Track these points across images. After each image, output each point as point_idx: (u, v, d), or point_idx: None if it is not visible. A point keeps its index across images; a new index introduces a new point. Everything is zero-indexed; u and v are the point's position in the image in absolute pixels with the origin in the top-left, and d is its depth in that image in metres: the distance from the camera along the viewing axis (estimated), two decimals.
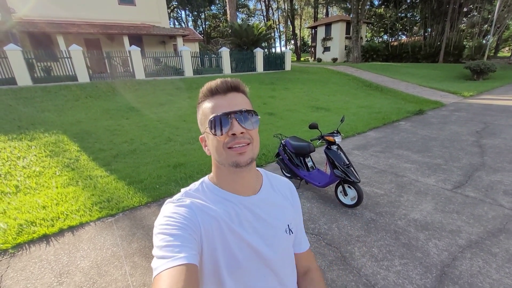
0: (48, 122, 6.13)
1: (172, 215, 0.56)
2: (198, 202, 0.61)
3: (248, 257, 0.62)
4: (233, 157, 0.58)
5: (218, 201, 0.63)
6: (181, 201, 0.61)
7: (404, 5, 29.22)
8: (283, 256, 0.69)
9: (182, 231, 0.53)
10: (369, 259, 2.14)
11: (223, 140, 0.58)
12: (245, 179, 0.65)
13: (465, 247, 2.22)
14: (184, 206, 0.59)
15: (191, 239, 0.53)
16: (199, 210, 0.59)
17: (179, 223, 0.54)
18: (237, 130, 0.56)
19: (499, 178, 3.44)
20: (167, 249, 0.50)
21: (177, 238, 0.51)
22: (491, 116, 7.03)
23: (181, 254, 0.49)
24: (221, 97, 0.59)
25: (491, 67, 14.73)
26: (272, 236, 0.65)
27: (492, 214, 2.67)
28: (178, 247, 0.50)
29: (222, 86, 0.59)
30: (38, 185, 3.63)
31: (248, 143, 0.58)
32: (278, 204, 0.70)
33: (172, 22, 40.28)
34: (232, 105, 0.58)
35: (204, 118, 0.61)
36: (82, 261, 2.27)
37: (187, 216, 0.56)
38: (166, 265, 0.47)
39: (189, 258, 0.49)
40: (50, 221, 2.82)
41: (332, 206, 2.98)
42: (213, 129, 0.57)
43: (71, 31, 12.27)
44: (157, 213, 3.01)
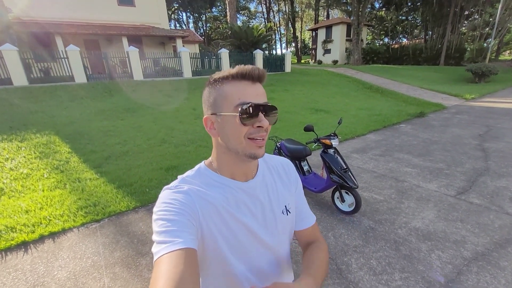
0: (40, 122, 6.01)
1: (170, 201, 0.56)
2: (195, 188, 0.61)
3: (248, 239, 0.64)
4: (252, 149, 0.58)
5: (215, 186, 0.63)
6: (179, 187, 0.60)
7: (405, 8, 29.17)
8: (280, 237, 0.70)
9: (180, 216, 0.54)
10: (367, 272, 1.99)
11: (247, 130, 0.57)
12: (248, 166, 0.66)
13: (470, 260, 2.06)
14: (181, 192, 0.59)
15: (189, 224, 0.54)
16: (196, 196, 0.59)
17: (177, 209, 0.55)
18: (265, 124, 0.57)
19: (504, 184, 3.28)
20: (166, 234, 0.51)
21: (176, 224, 0.52)
22: (494, 119, 6.88)
23: (179, 239, 0.50)
24: (249, 84, 0.58)
25: (493, 69, 14.60)
26: (269, 218, 0.67)
27: (499, 223, 2.51)
28: (176, 232, 0.51)
29: (254, 73, 0.57)
30: (24, 188, 3.49)
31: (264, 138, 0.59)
32: (274, 186, 0.71)
33: (173, 24, 40.35)
34: (260, 96, 0.58)
35: (224, 100, 0.57)
36: (60, 271, 2.12)
37: (185, 202, 0.57)
38: (165, 249, 0.48)
39: (187, 242, 0.50)
40: (31, 227, 2.67)
41: (329, 213, 2.83)
42: (243, 116, 0.55)
43: (69, 32, 12.19)
44: (144, 219, 2.87)
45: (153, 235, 0.53)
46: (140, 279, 2.02)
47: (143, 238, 2.51)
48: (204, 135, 5.73)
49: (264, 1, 42.92)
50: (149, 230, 2.64)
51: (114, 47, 13.43)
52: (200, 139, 5.46)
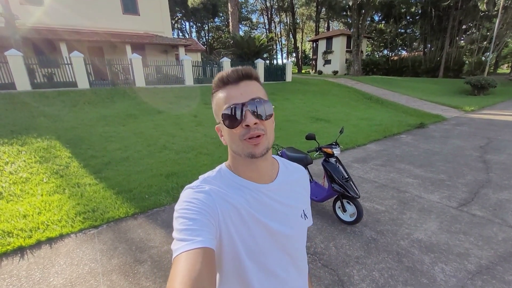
0: (42, 127, 6.01)
1: (192, 200, 0.57)
2: (216, 189, 0.61)
3: (267, 241, 0.64)
4: (248, 149, 0.59)
5: (236, 187, 0.63)
6: (200, 187, 0.61)
7: (404, 21, 29.75)
8: (298, 239, 0.71)
9: (200, 216, 0.54)
10: (370, 284, 1.95)
11: (238, 132, 0.58)
12: (261, 167, 0.65)
13: (475, 273, 2.02)
14: (203, 192, 0.60)
15: (209, 224, 0.54)
16: (217, 196, 0.60)
17: (198, 208, 0.55)
18: (250, 121, 0.56)
19: (507, 197, 3.26)
20: (186, 233, 0.51)
21: (196, 223, 0.53)
22: (494, 131, 6.90)
23: (199, 237, 0.50)
24: (234, 86, 0.59)
25: (492, 82, 14.76)
26: (289, 220, 0.68)
27: (502, 236, 2.48)
28: (196, 231, 0.51)
29: (233, 75, 0.59)
30: (23, 192, 3.47)
31: (262, 134, 0.58)
32: (294, 190, 0.72)
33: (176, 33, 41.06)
34: (245, 94, 0.58)
35: (218, 109, 0.61)
36: (56, 278, 2.08)
37: (205, 202, 0.57)
38: (184, 247, 0.49)
39: (206, 242, 0.50)
40: (28, 232, 2.64)
41: (330, 223, 2.79)
42: (226, 121, 0.58)
43: (74, 39, 12.38)
44: (143, 225, 2.84)
45: (173, 232, 0.54)
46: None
47: (141, 245, 2.47)
48: (204, 142, 5.74)
49: (266, 13, 43.82)
50: (148, 237, 2.60)
51: (118, 54, 13.62)
52: (200, 146, 5.46)
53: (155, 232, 2.69)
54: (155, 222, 2.88)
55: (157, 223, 2.86)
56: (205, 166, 4.44)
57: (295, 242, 0.70)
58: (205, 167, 4.38)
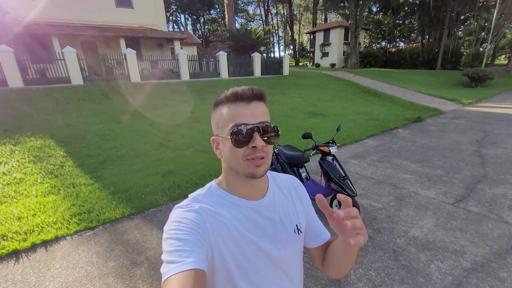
0: (36, 125, 5.92)
1: (181, 220, 0.56)
2: (206, 207, 0.60)
3: (258, 259, 0.63)
4: (250, 169, 0.58)
5: (226, 205, 0.62)
6: (190, 206, 0.60)
7: (402, 12, 29.43)
8: (292, 256, 0.70)
9: (190, 236, 0.53)
10: (366, 284, 1.96)
11: (243, 151, 0.57)
12: (255, 185, 0.65)
13: (470, 271, 2.04)
14: (192, 211, 0.58)
15: (199, 244, 0.53)
16: (207, 215, 0.59)
17: (188, 228, 0.54)
18: (258, 144, 0.56)
19: (502, 192, 3.28)
20: (175, 254, 0.50)
21: (186, 243, 0.52)
22: (491, 124, 6.92)
23: (189, 259, 0.49)
24: (245, 105, 0.58)
25: (489, 74, 14.74)
26: (281, 238, 0.66)
27: (498, 232, 2.50)
28: (186, 252, 0.50)
29: (248, 93, 0.58)
30: (17, 194, 3.42)
31: (265, 157, 0.58)
32: (285, 204, 0.70)
33: (171, 26, 40.33)
34: (255, 115, 0.58)
35: (223, 123, 0.60)
36: (51, 282, 2.06)
37: (195, 221, 0.56)
38: (174, 269, 0.47)
39: (197, 263, 0.49)
40: (23, 235, 2.61)
41: (327, 221, 2.79)
42: (234, 139, 0.57)
43: (66, 33, 12.11)
44: (140, 226, 2.82)
45: (162, 254, 0.52)
46: None
47: (138, 247, 2.46)
48: (201, 139, 5.69)
49: (263, 4, 43.07)
50: (145, 239, 2.59)
51: (112, 49, 13.37)
52: (197, 143, 5.42)
53: (152, 233, 2.68)
54: (152, 223, 2.86)
55: (154, 224, 2.84)
56: (202, 164, 4.41)
57: (289, 259, 0.68)
58: (202, 165, 4.35)
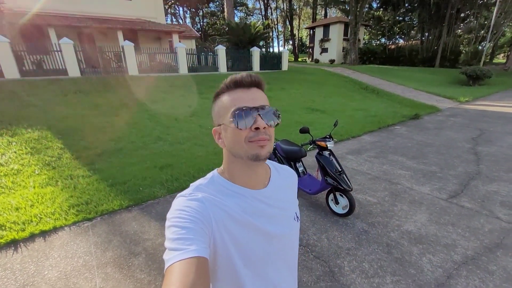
0: (32, 117, 5.88)
1: (185, 208, 0.56)
2: (209, 197, 0.60)
3: (262, 247, 0.64)
4: (254, 150, 0.58)
5: (229, 194, 0.63)
6: (193, 195, 0.60)
7: (402, 9, 29.29)
8: (292, 240, 0.72)
9: (193, 224, 0.53)
10: (359, 275, 2.01)
11: (246, 134, 0.58)
12: (258, 173, 0.66)
13: (460, 264, 2.09)
14: (196, 200, 0.59)
15: (202, 233, 0.53)
16: (210, 204, 0.59)
17: (191, 216, 0.55)
18: (261, 124, 0.57)
19: (495, 188, 3.34)
20: (178, 242, 0.50)
21: (189, 231, 0.52)
22: (487, 122, 6.98)
23: (192, 247, 0.49)
24: (244, 90, 0.60)
25: (487, 73, 14.80)
26: (284, 222, 0.69)
27: (489, 227, 2.56)
28: (189, 240, 0.50)
29: (247, 79, 0.60)
30: (15, 185, 3.43)
31: (268, 139, 0.60)
32: (286, 194, 0.73)
33: (170, 18, 39.81)
34: (255, 100, 0.59)
35: (224, 110, 0.60)
36: (50, 271, 2.09)
37: (198, 210, 0.56)
38: (177, 257, 0.48)
39: (199, 251, 0.49)
40: (21, 225, 2.63)
41: (323, 215, 2.84)
42: (236, 121, 0.57)
43: (63, 24, 11.93)
44: (137, 218, 2.85)
45: (165, 241, 0.53)
46: (132, 280, 2.00)
47: (135, 238, 2.49)
48: (199, 133, 5.69)
49: None
50: (142, 230, 2.62)
51: (109, 41, 13.21)
52: (195, 137, 5.42)
53: (150, 225, 2.70)
54: (150, 215, 2.89)
55: (152, 216, 2.87)
56: (200, 157, 4.43)
57: (290, 242, 0.71)
58: (200, 159, 4.37)
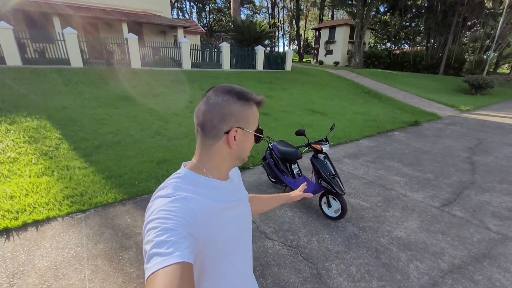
0: (32, 105, 5.89)
1: (169, 208, 0.54)
2: (192, 195, 0.60)
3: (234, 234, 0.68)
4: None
5: (208, 189, 0.65)
6: (177, 195, 0.59)
7: (409, 14, 29.19)
8: (249, 223, 0.80)
9: (178, 226, 0.51)
10: (346, 279, 2.03)
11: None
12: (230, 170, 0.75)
13: (446, 272, 2.11)
14: (180, 200, 0.57)
15: (187, 236, 0.52)
16: (195, 201, 0.59)
17: (176, 217, 0.52)
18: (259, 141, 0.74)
19: (487, 199, 3.36)
20: (161, 246, 0.47)
21: (173, 234, 0.49)
22: (486, 132, 6.99)
23: (176, 252, 0.47)
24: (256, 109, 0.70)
25: (490, 83, 14.77)
26: (244, 207, 0.77)
27: (478, 237, 2.57)
28: (173, 243, 0.48)
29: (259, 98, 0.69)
30: (10, 173, 3.44)
31: None
32: (239, 181, 0.83)
33: (176, 13, 39.71)
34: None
35: (253, 120, 0.69)
36: (40, 260, 2.11)
37: (184, 210, 0.55)
38: (160, 264, 0.45)
39: (184, 256, 0.47)
40: (15, 214, 2.65)
41: (315, 217, 2.86)
42: (256, 137, 0.72)
43: (68, 13, 11.91)
44: (131, 212, 2.86)
45: (144, 245, 0.49)
46: (121, 273, 2.02)
47: (128, 232, 2.51)
48: None
49: None
50: (135, 224, 2.64)
51: (113, 33, 13.19)
52: (194, 134, 5.41)
53: (143, 219, 2.72)
54: (143, 209, 2.91)
55: (145, 210, 2.88)
56: None
57: (248, 224, 0.79)
58: None
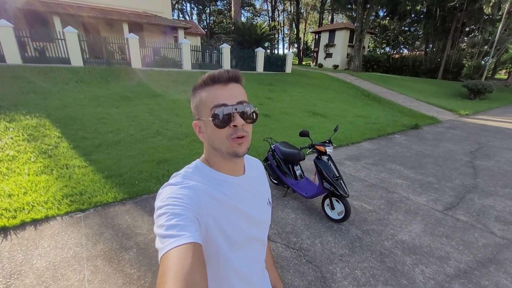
0: (32, 104, 5.84)
1: (178, 196, 0.56)
2: (200, 184, 0.61)
3: (244, 229, 0.67)
4: (233, 148, 0.61)
5: (214, 182, 0.65)
6: (185, 183, 0.61)
7: (409, 19, 29.40)
8: (267, 225, 0.78)
9: (187, 211, 0.54)
10: (351, 282, 1.99)
11: (225, 131, 0.60)
12: (237, 164, 0.69)
13: (453, 277, 2.08)
14: (188, 188, 0.59)
15: (195, 220, 0.54)
16: (201, 191, 0.60)
17: (185, 203, 0.55)
18: (238, 122, 0.59)
19: (491, 203, 3.34)
20: (173, 229, 0.50)
21: (183, 218, 0.52)
22: (486, 136, 7.00)
23: (187, 233, 0.49)
24: (222, 86, 0.60)
25: (489, 87, 14.85)
26: (261, 207, 0.74)
27: (483, 241, 2.55)
28: (184, 226, 0.51)
29: (224, 75, 0.60)
30: (9, 171, 3.39)
31: (245, 136, 0.62)
32: (259, 181, 0.78)
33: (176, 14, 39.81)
34: (233, 96, 0.60)
35: (202, 106, 0.62)
36: (39, 260, 2.06)
37: (191, 197, 0.57)
38: (173, 243, 0.48)
39: (195, 237, 0.50)
40: (13, 212, 2.60)
41: (318, 219, 2.83)
42: (215, 120, 0.59)
43: (68, 12, 11.88)
44: (131, 212, 2.82)
45: (156, 228, 0.52)
46: (121, 274, 1.98)
47: (128, 232, 2.46)
48: None
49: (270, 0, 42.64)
50: (135, 224, 2.59)
51: (114, 33, 13.17)
52: (194, 134, 5.38)
53: (143, 219, 2.68)
54: (143, 209, 2.87)
55: (145, 210, 2.85)
56: (198, 154, 4.34)
57: (266, 226, 0.77)
58: (197, 156, 4.30)
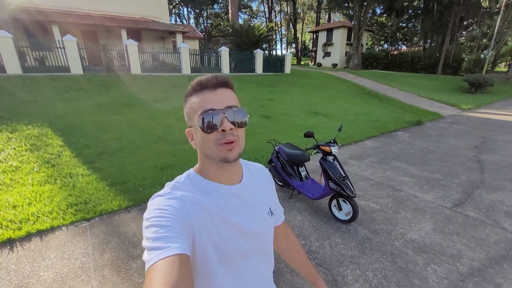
0: (33, 113, 5.85)
1: (164, 207, 0.55)
2: (188, 194, 0.60)
3: (236, 241, 0.64)
4: (222, 153, 0.59)
5: (206, 192, 0.63)
6: (172, 194, 0.60)
7: (406, 15, 29.36)
8: (268, 238, 0.74)
9: (174, 223, 0.53)
10: (363, 285, 1.96)
11: (214, 137, 0.59)
12: (231, 171, 0.67)
13: (466, 275, 2.04)
14: (175, 199, 0.58)
15: (182, 231, 0.53)
16: (190, 202, 0.59)
17: (172, 215, 0.54)
18: (226, 126, 0.58)
19: (500, 198, 3.29)
20: (159, 241, 0.49)
21: (169, 230, 0.51)
22: (489, 130, 6.94)
23: (174, 244, 0.49)
24: (211, 92, 0.60)
25: (489, 81, 14.78)
26: (257, 217, 0.70)
27: (495, 238, 2.51)
28: (170, 238, 0.50)
29: (212, 80, 0.60)
30: (13, 182, 3.38)
31: (236, 141, 0.60)
32: (259, 189, 0.74)
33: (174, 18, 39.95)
34: (222, 100, 0.60)
35: (192, 113, 0.61)
36: (46, 272, 2.04)
37: (179, 208, 0.56)
38: (159, 256, 0.47)
39: (181, 248, 0.49)
40: (18, 224, 2.58)
41: (325, 221, 2.79)
42: (203, 126, 0.58)
43: (67, 21, 11.94)
44: (137, 219, 2.79)
45: (144, 241, 0.52)
46: (130, 284, 1.95)
47: (134, 240, 2.44)
48: None
49: (267, 1, 42.77)
50: (141, 232, 2.56)
51: (113, 40, 13.22)
52: None
53: None
54: None
55: None
56: None
57: (266, 238, 0.73)
58: None
